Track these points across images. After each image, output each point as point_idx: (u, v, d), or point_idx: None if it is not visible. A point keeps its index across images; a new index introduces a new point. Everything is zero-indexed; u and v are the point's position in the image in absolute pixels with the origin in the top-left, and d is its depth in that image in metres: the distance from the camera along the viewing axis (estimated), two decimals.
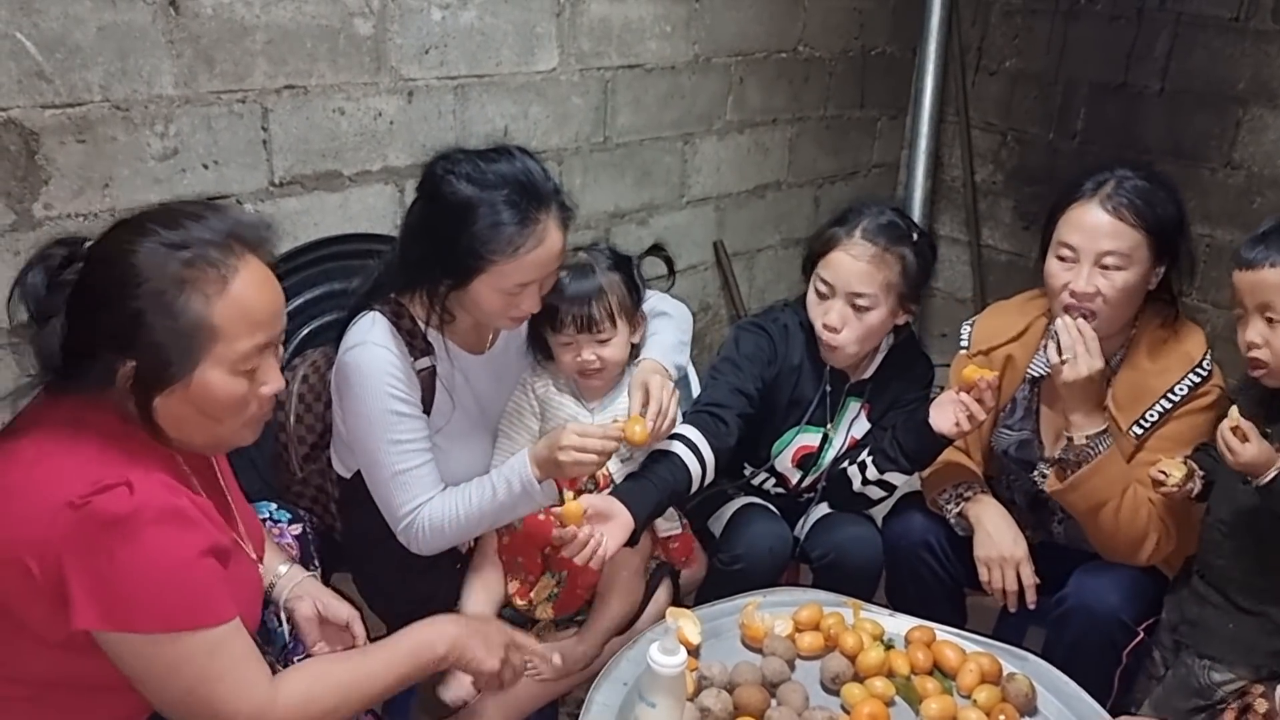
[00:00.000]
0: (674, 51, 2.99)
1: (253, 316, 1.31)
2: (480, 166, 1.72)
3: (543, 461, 1.76)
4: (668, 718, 1.53)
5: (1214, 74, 3.17)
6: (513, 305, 1.78)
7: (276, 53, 2.20)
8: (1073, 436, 1.92)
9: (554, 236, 1.75)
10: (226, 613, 1.31)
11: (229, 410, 1.34)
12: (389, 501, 1.80)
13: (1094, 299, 1.89)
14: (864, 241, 2.01)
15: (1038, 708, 1.74)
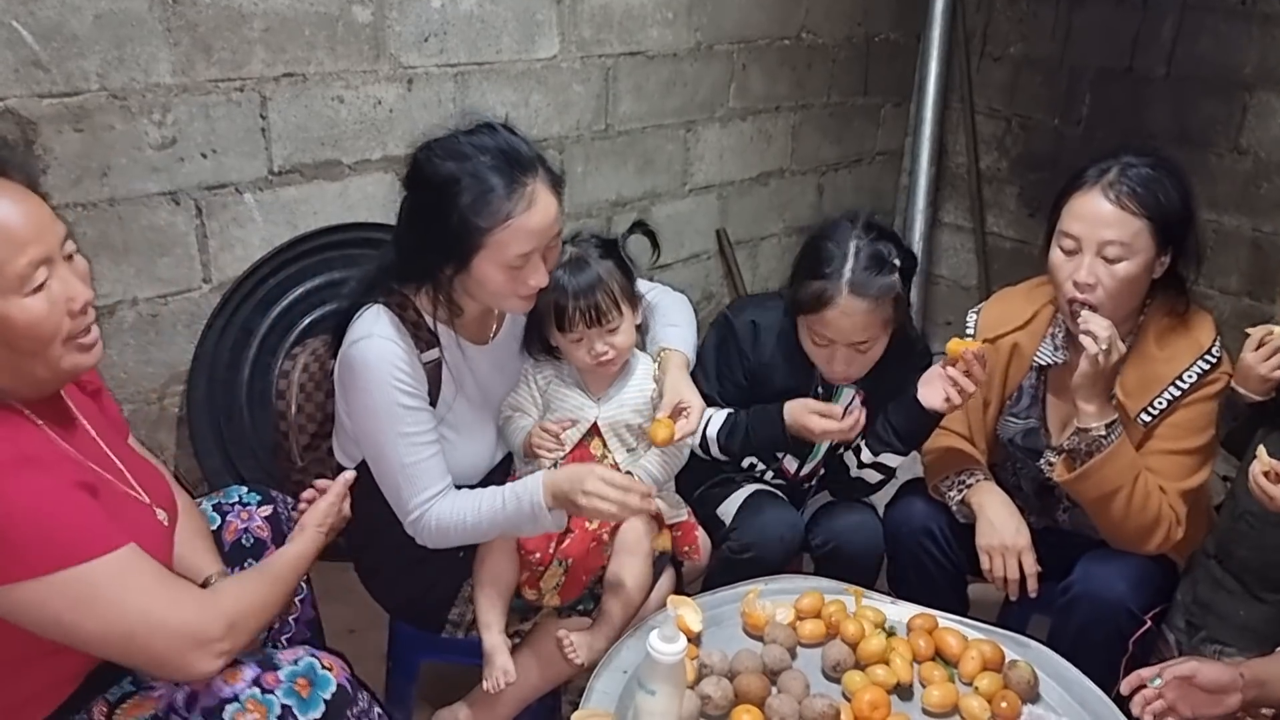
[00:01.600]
0: (676, 38, 2.97)
1: (14, 236, 1.24)
2: (459, 140, 1.71)
3: (559, 494, 1.75)
4: (667, 705, 1.53)
5: (1220, 58, 3.14)
6: (519, 281, 1.75)
7: (275, 40, 2.19)
8: (1088, 427, 1.90)
9: (545, 199, 1.72)
10: (117, 539, 1.28)
11: (41, 338, 1.28)
12: (397, 494, 1.79)
13: (1095, 290, 1.87)
14: (855, 298, 1.96)
15: (1040, 695, 1.74)
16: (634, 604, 1.90)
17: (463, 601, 1.93)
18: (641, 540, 1.93)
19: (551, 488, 1.75)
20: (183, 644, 1.30)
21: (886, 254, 1.99)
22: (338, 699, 1.42)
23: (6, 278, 1.24)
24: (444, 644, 1.97)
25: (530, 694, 1.92)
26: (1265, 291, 3.20)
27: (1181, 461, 1.95)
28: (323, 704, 1.41)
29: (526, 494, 1.76)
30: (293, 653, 1.44)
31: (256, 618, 1.42)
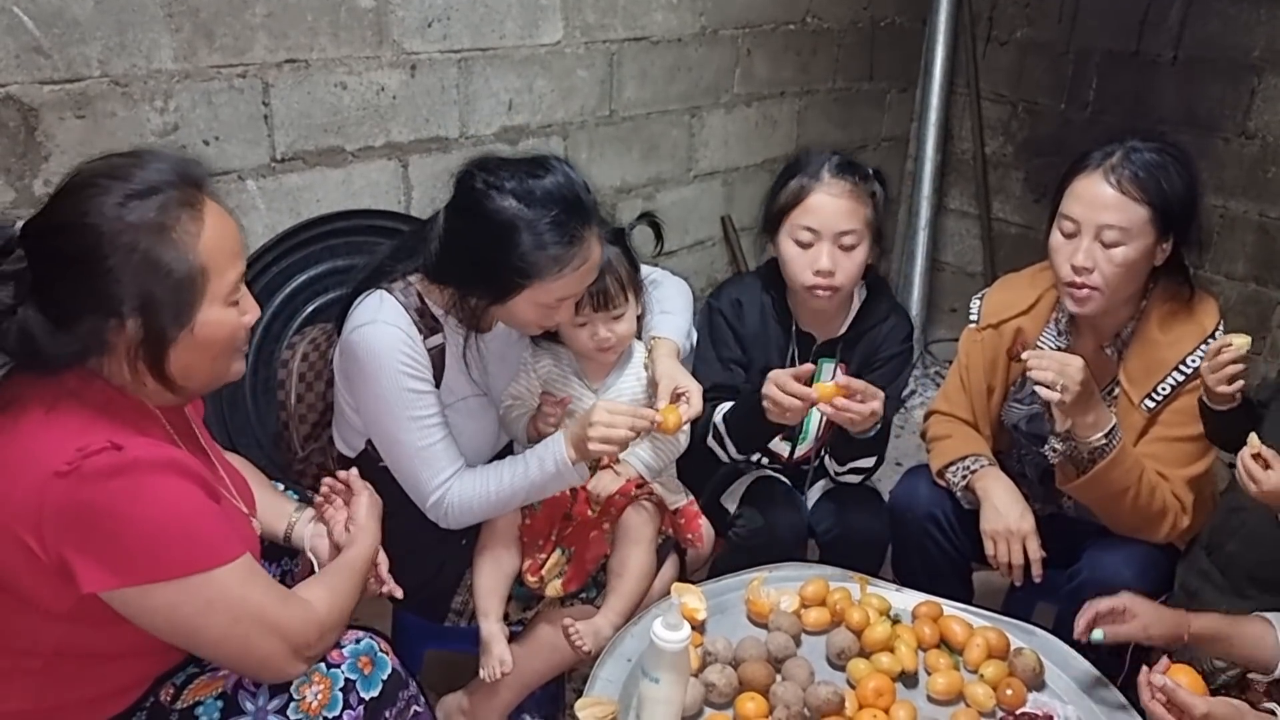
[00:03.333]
0: (680, 23, 2.95)
1: (230, 247, 1.34)
2: (525, 183, 1.69)
3: (576, 441, 1.76)
4: (671, 693, 1.53)
5: (1228, 41, 3.12)
6: (547, 318, 1.78)
7: (277, 26, 2.18)
8: (1088, 438, 1.86)
9: (596, 250, 1.74)
10: (240, 546, 1.34)
11: (230, 344, 1.38)
12: (415, 478, 1.79)
13: (1091, 273, 1.87)
14: (837, 180, 2.00)
15: (1045, 682, 1.74)
16: (639, 592, 1.90)
17: (465, 590, 1.93)
18: (644, 527, 1.94)
19: (571, 439, 1.78)
20: (287, 649, 1.36)
21: (860, 163, 2.07)
22: (393, 680, 1.48)
23: (221, 288, 1.31)
24: (447, 633, 1.97)
25: (533, 681, 1.93)
26: (1272, 277, 3.18)
27: (1185, 448, 1.95)
28: (380, 684, 1.45)
29: (550, 455, 1.78)
30: (353, 633, 1.48)
31: (342, 623, 1.47)
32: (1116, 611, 1.66)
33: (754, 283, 2.19)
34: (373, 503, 1.66)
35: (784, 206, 2.05)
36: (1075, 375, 1.79)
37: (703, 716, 1.63)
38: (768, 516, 2.09)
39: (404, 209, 2.49)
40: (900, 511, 2.16)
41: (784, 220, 2.05)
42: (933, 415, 2.24)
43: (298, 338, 2.00)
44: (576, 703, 1.60)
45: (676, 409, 1.81)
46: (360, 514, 1.63)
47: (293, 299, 2.26)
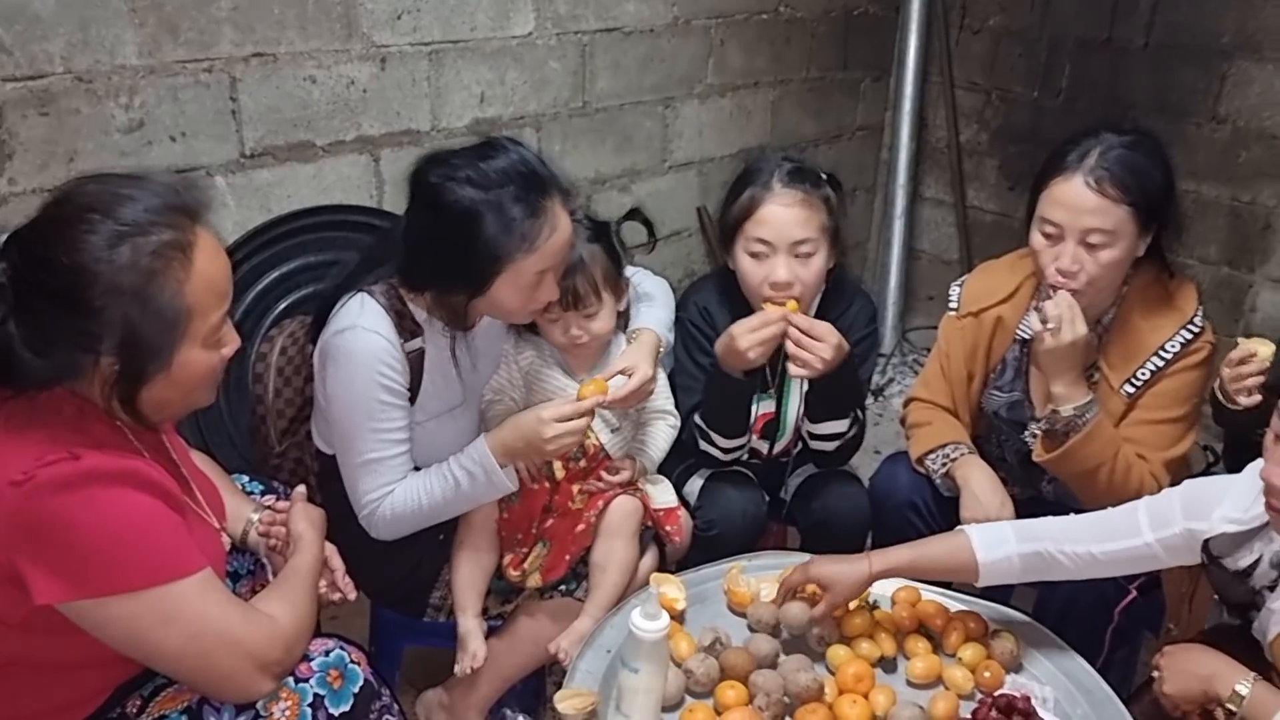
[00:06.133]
0: (653, 14, 2.94)
1: (218, 288, 1.33)
2: (479, 167, 1.68)
3: (511, 449, 1.76)
4: (650, 683, 1.52)
5: (1199, 27, 3.13)
6: (532, 299, 1.77)
7: (243, 20, 2.15)
8: (1060, 408, 1.90)
9: (564, 220, 1.73)
10: (201, 559, 1.32)
11: (206, 380, 1.37)
12: (355, 486, 1.80)
13: (1078, 276, 1.87)
14: (788, 190, 1.99)
15: (1023, 664, 1.74)
16: (620, 587, 1.90)
17: (444, 585, 1.92)
18: (627, 521, 1.93)
19: (501, 448, 1.76)
20: (252, 665, 1.33)
21: (812, 169, 2.05)
22: (364, 693, 1.45)
23: (203, 329, 1.31)
24: (426, 628, 1.96)
25: (513, 675, 1.92)
26: (1244, 260, 3.20)
27: (1165, 431, 1.96)
28: (351, 698, 1.42)
29: (476, 465, 1.77)
30: (321, 643, 1.45)
31: (307, 636, 1.44)
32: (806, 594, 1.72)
33: (715, 287, 2.18)
34: (307, 511, 1.63)
35: (736, 219, 2.04)
36: (1075, 329, 1.83)
37: (684, 705, 1.62)
38: (724, 509, 2.09)
39: (376, 203, 2.47)
40: (880, 498, 2.16)
41: (738, 233, 2.04)
42: (912, 402, 2.25)
43: (275, 331, 1.99)
44: (556, 694, 1.59)
45: (600, 381, 1.82)
46: (296, 524, 1.60)
47: (265, 296, 2.23)
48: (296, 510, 1.62)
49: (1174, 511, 1.62)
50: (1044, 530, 1.71)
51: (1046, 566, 1.70)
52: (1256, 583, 1.55)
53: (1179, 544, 1.62)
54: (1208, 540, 1.58)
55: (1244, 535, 1.55)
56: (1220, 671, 1.51)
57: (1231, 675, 1.50)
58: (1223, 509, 1.57)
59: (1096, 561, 1.67)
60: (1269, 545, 1.53)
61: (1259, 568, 1.54)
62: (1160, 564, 1.67)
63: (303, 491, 1.69)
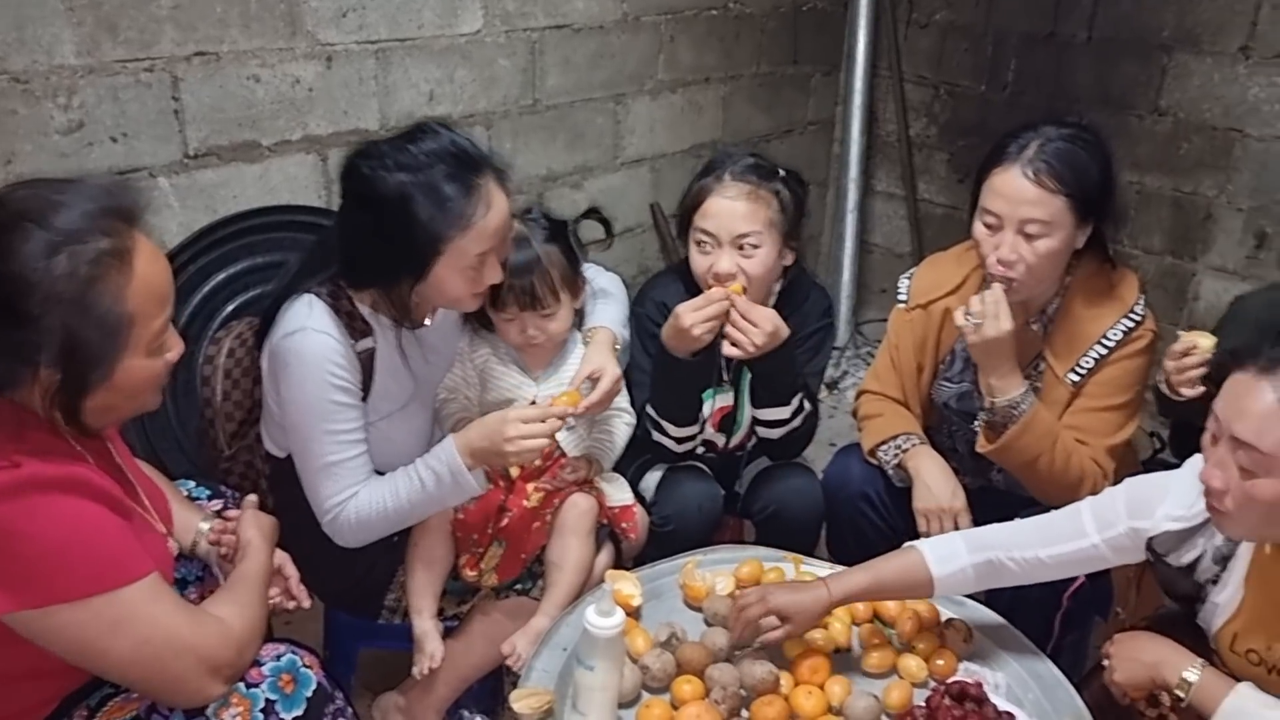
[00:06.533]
0: (601, 10, 2.94)
1: (159, 293, 1.31)
2: (407, 151, 1.67)
3: (477, 451, 1.74)
4: (607, 679, 1.53)
5: (1139, 21, 3.18)
6: (476, 281, 1.74)
7: (184, 18, 2.12)
8: (996, 399, 1.94)
9: (499, 197, 1.72)
10: (148, 564, 1.30)
11: (149, 386, 1.35)
12: (316, 492, 1.77)
13: (1016, 265, 1.89)
14: (736, 183, 2.00)
15: (976, 652, 1.77)
16: (577, 585, 1.90)
17: (399, 586, 1.91)
18: (583, 519, 1.93)
19: (468, 450, 1.74)
20: (203, 668, 1.32)
21: (770, 166, 2.06)
22: (318, 697, 1.43)
23: (145, 336, 1.28)
24: (381, 630, 1.95)
25: (471, 675, 1.91)
26: (1187, 250, 3.27)
27: (1108, 418, 1.99)
28: (304, 702, 1.41)
29: (444, 466, 1.75)
30: (273, 648, 1.44)
31: (258, 639, 1.43)
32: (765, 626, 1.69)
33: (674, 281, 2.18)
34: (256, 518, 1.61)
35: (686, 210, 2.06)
36: (998, 325, 1.86)
37: (641, 701, 1.63)
38: (680, 504, 2.10)
39: (325, 204, 2.44)
40: (833, 490, 2.18)
41: (690, 223, 2.06)
42: (863, 395, 2.27)
43: (223, 333, 1.95)
44: (512, 694, 1.59)
45: (575, 391, 1.81)
46: (245, 531, 1.58)
47: (212, 298, 2.20)
48: (246, 517, 1.61)
49: (1118, 511, 1.65)
50: (993, 538, 1.73)
51: (998, 574, 1.72)
52: (1200, 577, 1.58)
53: (1125, 543, 1.64)
54: (1152, 538, 1.60)
55: (1187, 532, 1.58)
56: (1168, 659, 1.54)
57: (1180, 662, 1.52)
58: (1166, 507, 1.60)
59: (1045, 565, 1.69)
60: (1211, 540, 1.56)
61: (1202, 563, 1.57)
62: (1107, 564, 1.70)
63: (254, 500, 1.67)
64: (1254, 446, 1.33)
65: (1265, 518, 1.37)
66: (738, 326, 1.92)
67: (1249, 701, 1.44)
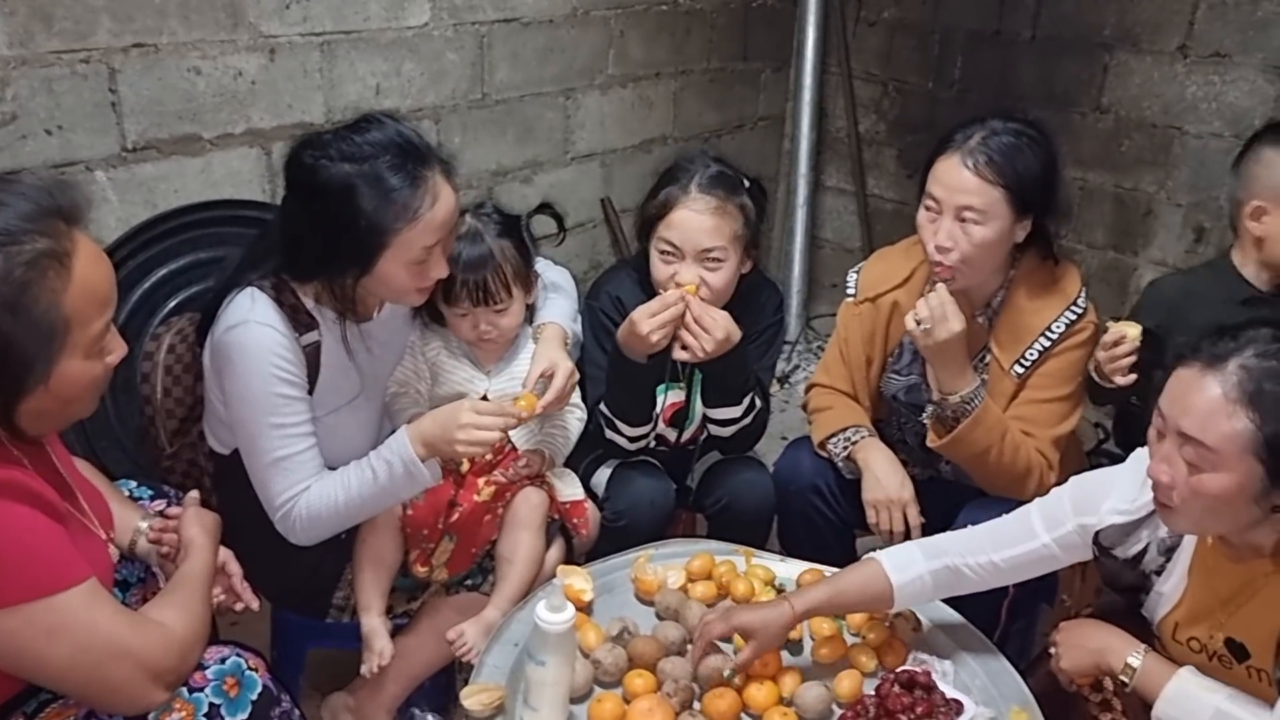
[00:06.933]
0: (551, 4, 2.93)
1: (99, 296, 1.28)
2: (352, 141, 1.65)
3: (429, 439, 1.72)
4: (558, 674, 1.52)
5: (1081, 20, 3.24)
6: (421, 275, 1.72)
7: (121, 9, 2.08)
8: (944, 396, 1.96)
9: (446, 191, 1.70)
10: (85, 570, 1.27)
11: (89, 391, 1.32)
12: (266, 488, 1.74)
13: (952, 251, 1.92)
14: (704, 195, 1.98)
15: (925, 641, 1.78)
16: (528, 579, 1.89)
17: (346, 585, 1.88)
18: (534, 513, 1.92)
19: (420, 438, 1.72)
20: (144, 675, 1.29)
21: (735, 176, 2.05)
22: (263, 700, 1.41)
23: (84, 339, 1.25)
24: (330, 629, 1.92)
25: (421, 673, 1.90)
26: (1128, 245, 3.33)
27: (1053, 409, 2.02)
28: (250, 705, 1.38)
29: (396, 456, 1.73)
30: (217, 650, 1.41)
31: (201, 643, 1.40)
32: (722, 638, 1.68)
33: (630, 275, 2.17)
34: (199, 516, 1.58)
35: (651, 217, 2.04)
36: (949, 326, 1.88)
37: (592, 695, 1.62)
38: (633, 499, 2.09)
39: (269, 198, 2.40)
40: (784, 483, 2.19)
41: (653, 230, 2.04)
42: (814, 388, 2.28)
43: (163, 328, 1.91)
44: (463, 691, 1.58)
45: (532, 395, 1.80)
46: (187, 530, 1.55)
47: (152, 294, 2.16)
48: (188, 515, 1.57)
49: (1065, 510, 1.67)
50: (948, 545, 1.74)
51: (955, 581, 1.72)
52: (1146, 568, 1.61)
53: (1074, 541, 1.66)
54: (1098, 532, 1.63)
55: (1131, 525, 1.60)
56: (1112, 645, 1.57)
57: (1124, 648, 1.55)
58: (1110, 502, 1.62)
59: (999, 570, 1.70)
60: (1156, 532, 1.58)
61: (1148, 554, 1.60)
62: (1059, 563, 1.71)
63: (195, 496, 1.63)
64: (1199, 441, 1.35)
65: (1209, 512, 1.40)
66: (691, 331, 1.92)
67: (1190, 684, 1.48)
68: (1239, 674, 1.49)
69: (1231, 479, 1.34)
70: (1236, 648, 1.49)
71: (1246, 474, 1.33)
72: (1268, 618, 1.43)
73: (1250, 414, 1.31)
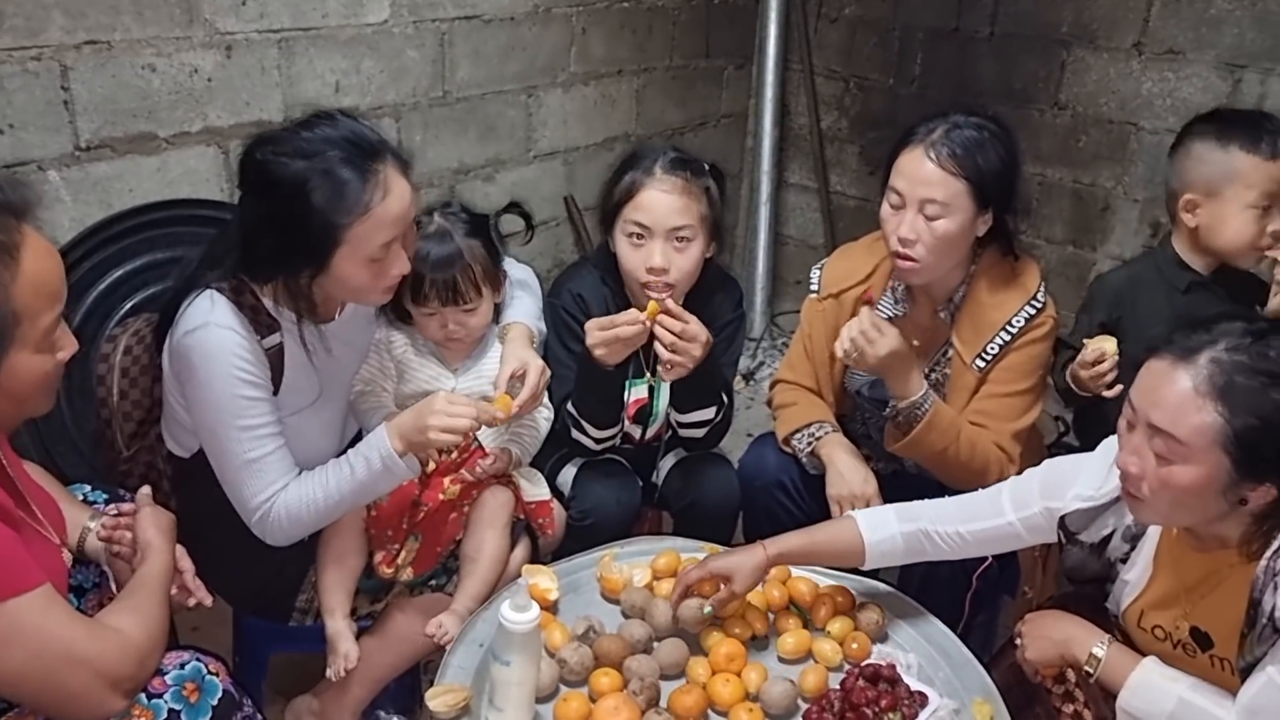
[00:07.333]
0: (512, 1, 2.91)
1: (48, 289, 1.26)
2: (304, 137, 1.63)
3: (406, 433, 1.71)
4: (524, 674, 1.52)
5: (1039, 18, 3.27)
6: (381, 273, 1.70)
7: (74, 5, 2.04)
8: (897, 403, 1.98)
9: (400, 184, 1.68)
10: (38, 575, 1.25)
11: (40, 387, 1.30)
12: (240, 491, 1.72)
13: (915, 244, 1.93)
14: (669, 176, 2.00)
15: (888, 634, 1.80)
16: (493, 576, 1.88)
17: (309, 587, 1.87)
18: (500, 511, 1.91)
19: (396, 431, 1.72)
20: (101, 682, 1.27)
21: (696, 160, 2.07)
22: (224, 704, 1.39)
23: (33, 334, 1.24)
24: (293, 633, 1.90)
25: (386, 675, 1.88)
26: (1087, 240, 3.37)
27: (1013, 403, 2.04)
28: (210, 710, 1.37)
29: (374, 451, 1.72)
30: (176, 655, 1.39)
31: (160, 649, 1.38)
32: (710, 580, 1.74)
33: (591, 272, 2.17)
34: (155, 516, 1.55)
35: (617, 202, 2.04)
36: (876, 349, 1.90)
37: (558, 695, 1.62)
38: (598, 498, 2.09)
39: (226, 197, 2.37)
40: (749, 479, 2.20)
41: (618, 215, 2.04)
42: (778, 384, 2.29)
43: (119, 329, 1.89)
44: (427, 692, 1.57)
45: (506, 395, 1.79)
46: (144, 532, 1.52)
47: (108, 296, 2.12)
48: (144, 516, 1.55)
49: (1033, 492, 1.70)
50: (921, 511, 1.78)
51: (924, 546, 1.77)
52: (1111, 555, 1.63)
53: (1040, 523, 1.69)
54: (1064, 516, 1.66)
55: (1096, 510, 1.63)
56: (1076, 636, 1.59)
57: (1088, 639, 1.58)
58: (1077, 488, 1.65)
59: (965, 542, 1.75)
60: (1121, 519, 1.61)
61: (1113, 541, 1.62)
62: (1023, 542, 1.76)
63: (147, 492, 1.60)
64: (1169, 433, 1.37)
65: (1177, 504, 1.41)
66: (676, 349, 1.90)
67: (1153, 674, 1.50)
68: (1203, 662, 1.52)
69: (1200, 472, 1.36)
70: (1201, 636, 1.51)
71: (1214, 467, 1.35)
72: (1231, 608, 1.44)
73: (1220, 408, 1.33)
